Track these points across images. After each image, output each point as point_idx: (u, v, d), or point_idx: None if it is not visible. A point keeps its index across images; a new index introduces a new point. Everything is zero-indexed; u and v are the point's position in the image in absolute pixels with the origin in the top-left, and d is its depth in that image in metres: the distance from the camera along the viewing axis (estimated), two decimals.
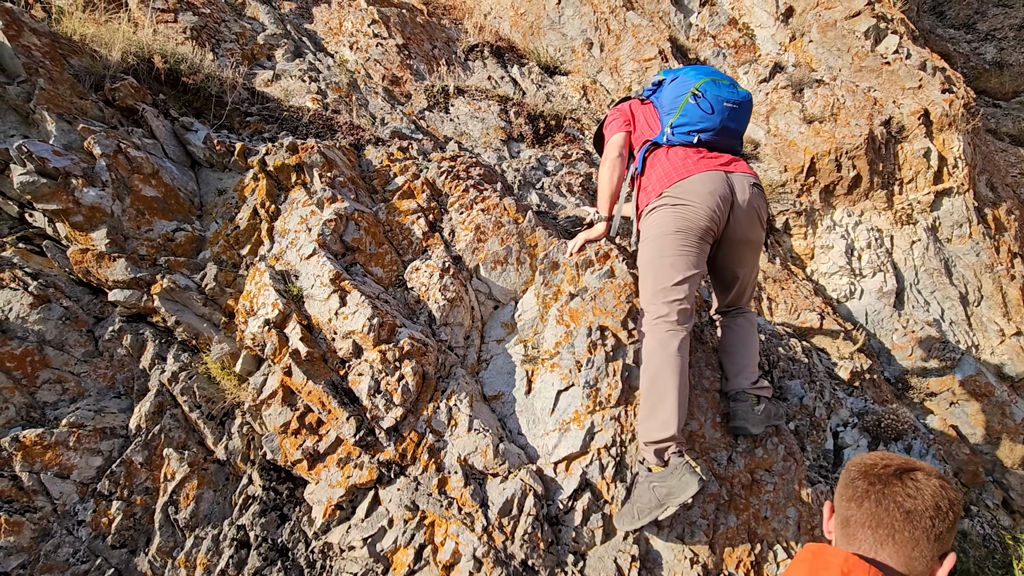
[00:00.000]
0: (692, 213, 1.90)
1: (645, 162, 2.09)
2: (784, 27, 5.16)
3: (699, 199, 1.89)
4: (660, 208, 1.96)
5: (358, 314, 1.94)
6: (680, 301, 1.87)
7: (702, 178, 1.92)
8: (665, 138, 2.06)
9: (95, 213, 1.93)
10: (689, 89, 2.04)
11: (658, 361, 1.80)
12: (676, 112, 2.04)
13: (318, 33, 4.27)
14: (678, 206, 1.91)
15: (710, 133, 2.03)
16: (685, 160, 1.98)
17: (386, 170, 2.57)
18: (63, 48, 2.12)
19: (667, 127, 2.06)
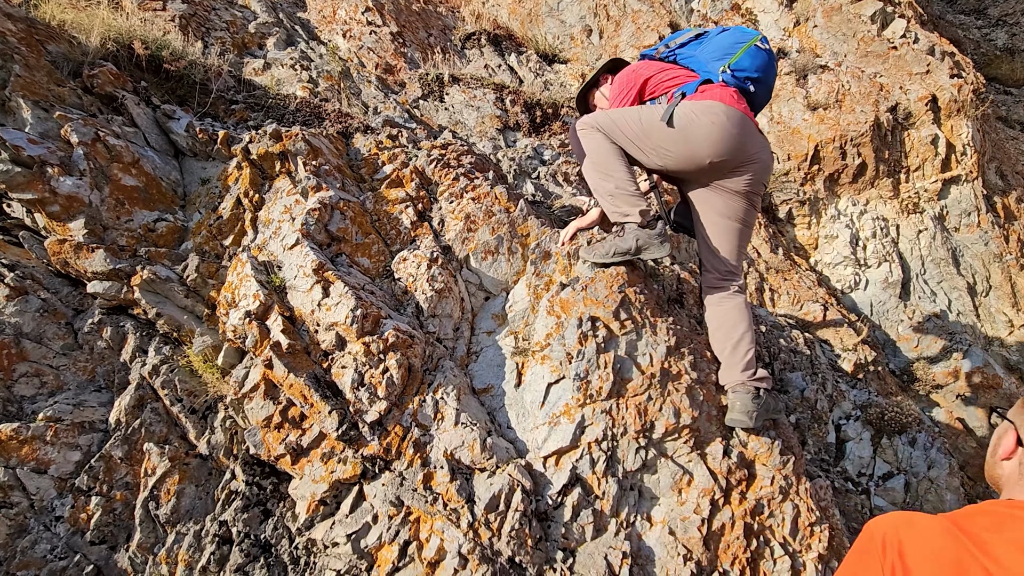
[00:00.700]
0: (711, 133, 1.89)
1: (696, 91, 2.04)
2: (788, 12, 5.04)
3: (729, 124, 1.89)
4: (694, 109, 1.93)
5: (341, 305, 1.89)
6: (606, 133, 2.02)
7: (739, 115, 1.92)
8: (721, 78, 2.05)
9: (72, 203, 1.89)
10: (751, 39, 2.09)
11: (606, 146, 1.98)
12: (735, 56, 2.06)
13: (311, 21, 4.21)
14: (710, 116, 1.90)
15: (759, 85, 2.11)
16: (732, 97, 1.98)
17: (374, 158, 2.51)
18: (40, 34, 2.07)
19: (724, 67, 2.05)
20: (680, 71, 2.16)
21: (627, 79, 2.20)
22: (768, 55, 2.12)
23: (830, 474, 2.94)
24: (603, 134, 2.03)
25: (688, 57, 2.18)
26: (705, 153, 1.91)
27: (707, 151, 1.90)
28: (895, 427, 3.09)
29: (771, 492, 1.90)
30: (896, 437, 3.14)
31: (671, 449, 1.91)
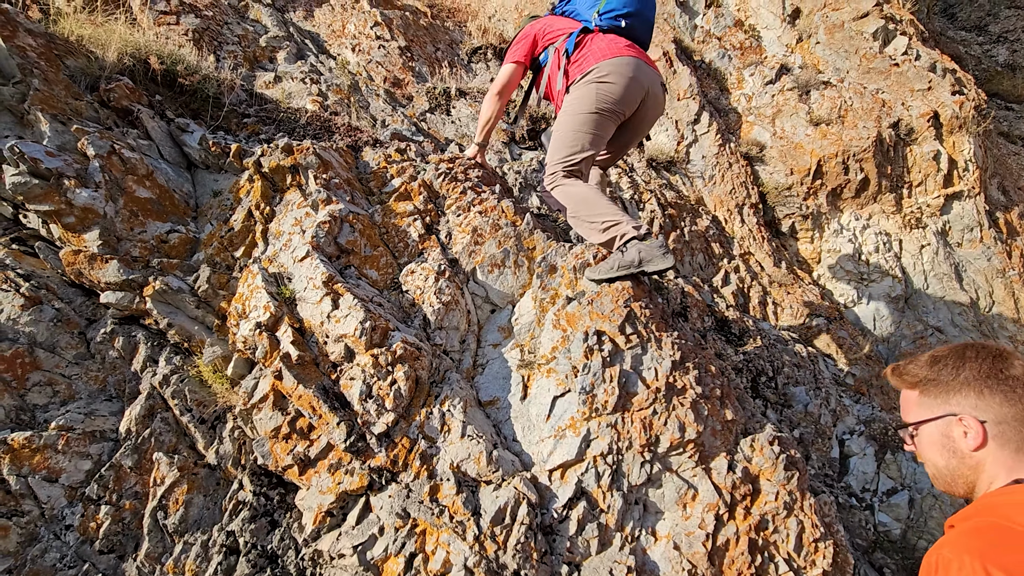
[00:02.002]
0: (612, 91, 2.21)
1: (576, 44, 2.33)
2: (791, 28, 5.10)
3: (621, 79, 2.20)
4: (587, 83, 2.23)
5: (350, 317, 1.92)
6: (577, 166, 2.27)
7: (628, 61, 2.22)
8: (595, 24, 2.34)
9: (88, 214, 1.92)
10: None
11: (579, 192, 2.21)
12: (602, 1, 2.35)
13: (321, 35, 4.27)
14: (602, 83, 2.20)
15: (632, 18, 2.36)
16: (613, 43, 2.26)
17: (383, 172, 2.54)
18: (59, 49, 2.12)
19: (594, 14, 2.35)
20: (563, 22, 2.46)
21: (521, 34, 2.54)
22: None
23: (834, 489, 2.94)
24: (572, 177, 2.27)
25: (570, 11, 2.49)
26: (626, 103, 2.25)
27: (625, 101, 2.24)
28: (899, 442, 3.09)
29: (775, 507, 1.91)
30: (900, 453, 3.14)
31: (676, 463, 1.92)
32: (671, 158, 4.50)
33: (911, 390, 1.04)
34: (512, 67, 2.51)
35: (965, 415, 0.93)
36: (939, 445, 0.97)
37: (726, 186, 4.52)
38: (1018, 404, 0.90)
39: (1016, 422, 0.90)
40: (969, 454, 0.93)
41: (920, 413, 1.01)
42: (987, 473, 0.91)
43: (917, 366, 1.03)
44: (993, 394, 0.92)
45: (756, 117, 4.82)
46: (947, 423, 0.95)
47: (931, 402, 0.99)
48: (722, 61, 5.07)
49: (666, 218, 4.02)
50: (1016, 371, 0.93)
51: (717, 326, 3.36)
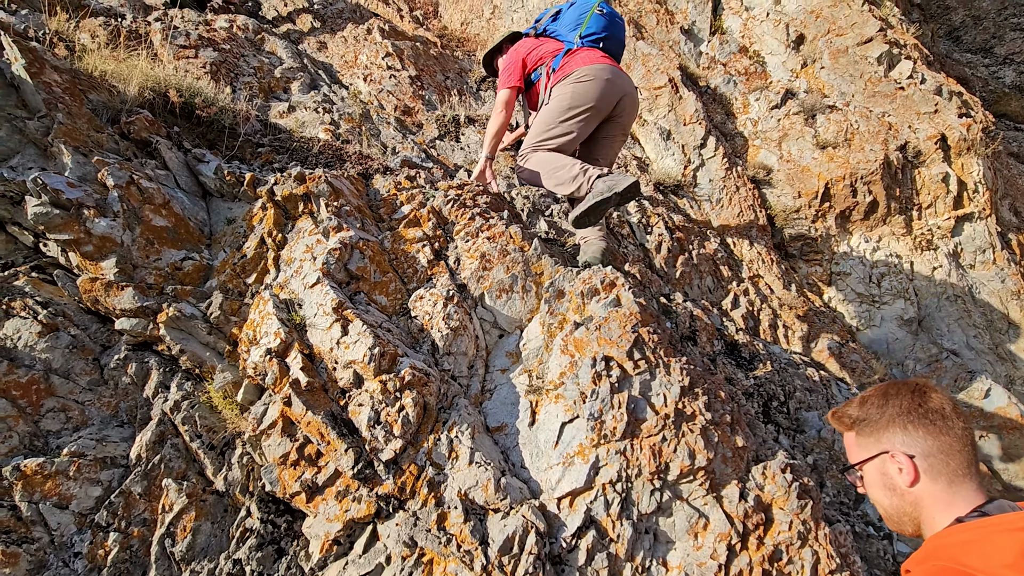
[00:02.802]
0: (589, 89, 2.51)
1: (562, 62, 2.65)
2: (795, 54, 5.17)
3: (597, 80, 2.51)
4: (566, 83, 2.55)
5: (359, 343, 1.93)
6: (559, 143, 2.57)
7: (604, 66, 2.55)
8: (576, 44, 2.67)
9: (105, 243, 1.97)
10: (591, 7, 2.73)
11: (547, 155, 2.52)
12: (583, 24, 2.70)
13: (334, 66, 4.40)
14: (580, 82, 2.52)
15: (607, 40, 2.73)
16: (591, 54, 2.61)
17: (393, 199, 2.59)
18: (83, 84, 2.20)
19: (577, 36, 2.69)
20: (549, 43, 2.77)
21: (510, 59, 2.82)
22: (607, 16, 2.75)
23: (850, 518, 2.87)
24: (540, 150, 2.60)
25: (553, 31, 2.82)
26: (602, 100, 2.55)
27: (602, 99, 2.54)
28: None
29: (789, 537, 1.87)
30: None
31: (686, 491, 1.90)
32: (678, 182, 4.53)
33: (849, 431, 1.08)
34: (508, 92, 2.77)
35: (895, 451, 0.96)
36: (880, 484, 1.00)
37: (734, 209, 4.53)
38: (940, 436, 0.93)
39: (942, 454, 0.93)
40: (907, 490, 0.95)
41: (859, 454, 1.04)
42: (927, 510, 0.93)
43: (850, 408, 1.08)
44: (916, 428, 0.96)
45: (763, 141, 4.85)
46: (882, 461, 0.98)
47: (866, 441, 1.02)
48: (727, 86, 5.13)
49: (674, 241, 4.03)
50: (934, 403, 0.96)
51: (727, 350, 3.33)
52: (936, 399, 0.97)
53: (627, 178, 2.30)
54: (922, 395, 0.99)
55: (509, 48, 2.97)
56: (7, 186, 1.93)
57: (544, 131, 2.58)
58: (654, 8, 5.32)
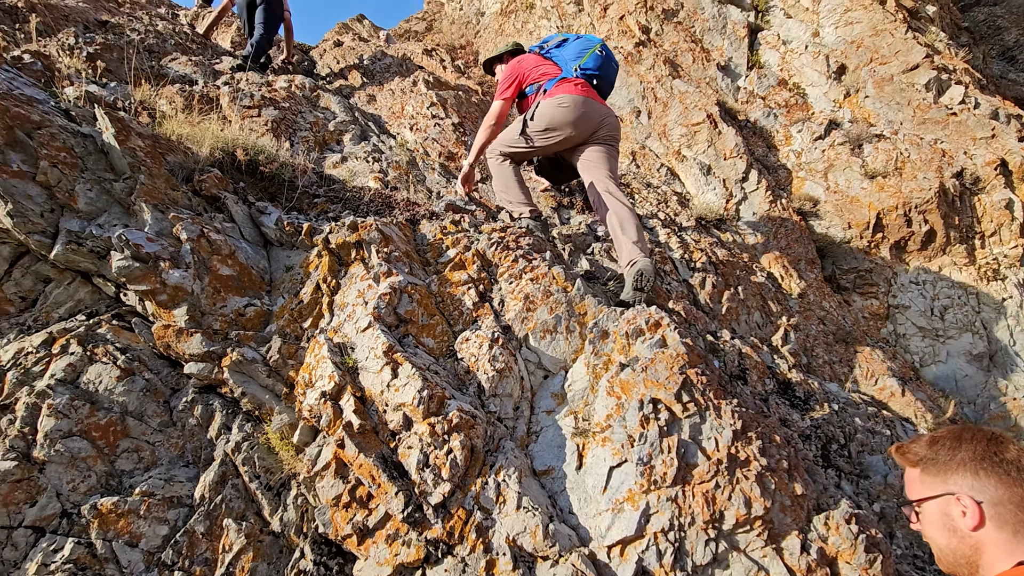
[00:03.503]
0: (564, 114, 2.91)
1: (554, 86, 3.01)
2: (837, 84, 5.11)
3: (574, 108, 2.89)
4: (549, 104, 2.93)
5: (408, 386, 1.99)
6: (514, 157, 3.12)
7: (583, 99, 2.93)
8: (574, 74, 3.05)
9: (178, 292, 2.12)
10: (594, 46, 3.13)
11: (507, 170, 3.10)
12: (583, 58, 3.08)
13: (382, 117, 4.65)
14: (559, 107, 2.91)
15: (600, 79, 3.13)
16: (577, 86, 2.98)
17: (439, 243, 2.68)
18: (162, 147, 2.42)
19: (575, 67, 3.07)
20: (549, 66, 3.12)
21: (510, 71, 3.16)
22: (604, 58, 3.14)
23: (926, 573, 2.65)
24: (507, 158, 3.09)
25: (556, 56, 3.17)
26: (568, 125, 2.92)
27: (568, 124, 2.92)
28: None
29: None
30: None
31: (743, 542, 1.82)
32: (720, 216, 4.49)
33: (913, 468, 1.10)
34: (502, 103, 3.14)
35: (962, 494, 0.97)
36: (940, 524, 1.00)
37: (780, 242, 4.43)
38: (1013, 487, 0.93)
39: (1012, 505, 0.92)
40: (968, 534, 0.95)
41: (921, 491, 1.05)
42: (988, 555, 0.92)
43: (918, 446, 1.09)
44: (988, 476, 0.96)
45: (807, 172, 4.77)
46: (946, 502, 0.99)
47: (931, 480, 1.03)
48: (768, 120, 5.11)
49: (719, 276, 3.97)
50: (1010, 455, 0.96)
51: (779, 389, 3.21)
52: (1013, 451, 0.97)
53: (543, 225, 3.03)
54: (998, 444, 0.98)
55: (511, 60, 3.33)
56: (95, 242, 2.12)
57: (512, 139, 3.06)
58: (689, 47, 5.41)
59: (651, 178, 4.72)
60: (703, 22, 5.59)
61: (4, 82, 2.24)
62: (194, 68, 4.20)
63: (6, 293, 2.12)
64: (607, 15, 5.68)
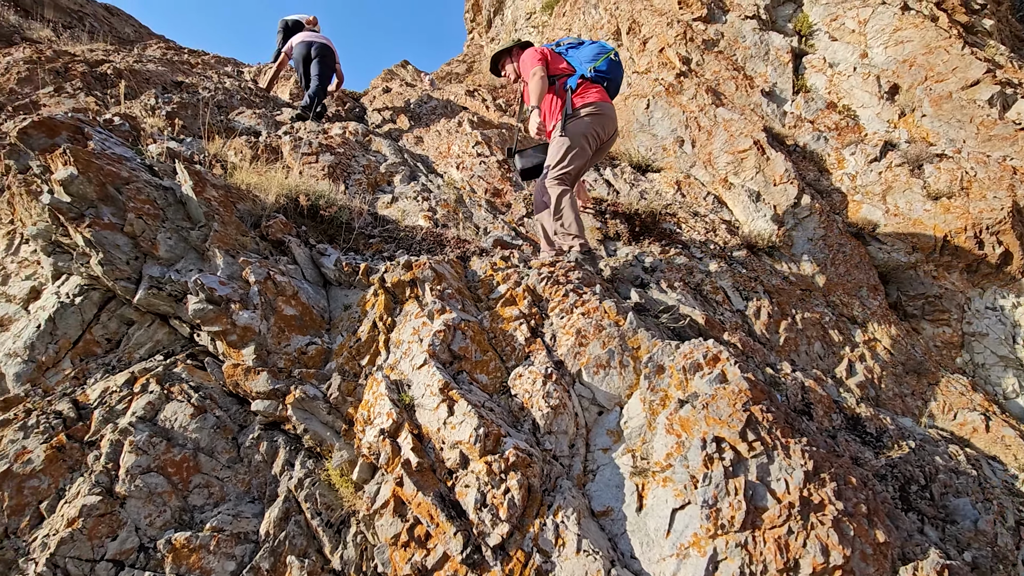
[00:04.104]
0: (600, 123, 3.23)
1: (578, 85, 3.30)
2: (890, 105, 4.96)
3: (608, 116, 3.29)
4: (587, 115, 3.20)
5: (465, 424, 2.00)
6: (571, 175, 3.20)
7: (610, 105, 3.33)
8: (589, 75, 3.32)
9: (247, 332, 2.23)
10: (608, 51, 3.41)
11: (567, 203, 3.11)
12: (598, 61, 3.35)
13: (430, 157, 4.83)
14: (596, 116, 3.21)
15: (611, 82, 3.43)
16: (601, 92, 3.33)
17: (489, 279, 2.73)
18: (233, 196, 2.59)
19: (591, 68, 3.33)
20: (565, 63, 3.38)
21: (535, 53, 3.32)
22: (617, 64, 3.43)
23: None
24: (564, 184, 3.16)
25: (571, 56, 3.42)
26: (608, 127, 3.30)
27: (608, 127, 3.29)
28: None
29: None
30: None
31: None
32: (772, 243, 4.36)
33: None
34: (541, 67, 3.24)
35: None
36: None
37: (839, 268, 4.26)
38: None
39: None
40: None
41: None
42: None
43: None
44: None
45: (864, 196, 4.60)
46: None
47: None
48: (818, 143, 4.99)
49: (774, 305, 3.84)
50: None
51: (848, 424, 3.04)
52: None
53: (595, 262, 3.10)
54: None
55: (521, 52, 3.55)
56: (173, 286, 2.27)
57: (567, 161, 3.16)
58: (732, 75, 5.39)
59: (698, 207, 4.67)
60: (744, 50, 5.58)
61: (99, 143, 2.47)
62: (258, 120, 4.50)
63: (95, 335, 2.28)
64: (646, 48, 5.75)
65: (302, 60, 5.43)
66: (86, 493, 1.88)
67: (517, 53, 3.58)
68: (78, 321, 2.30)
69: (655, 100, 5.32)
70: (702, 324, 3.04)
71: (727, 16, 5.81)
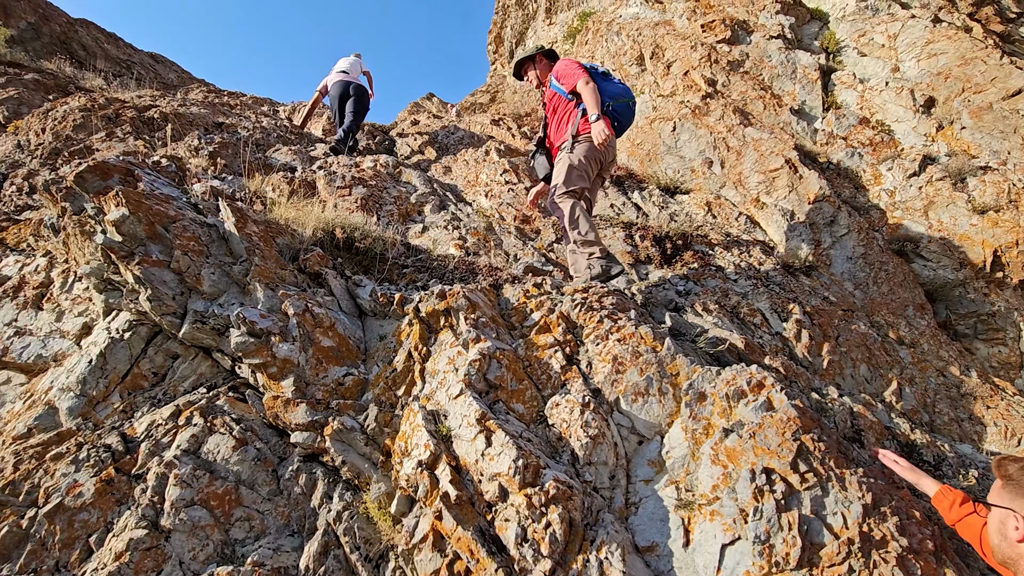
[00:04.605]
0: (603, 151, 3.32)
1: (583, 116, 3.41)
2: (927, 118, 4.83)
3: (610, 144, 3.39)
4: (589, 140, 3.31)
5: (503, 455, 1.96)
6: (579, 191, 3.31)
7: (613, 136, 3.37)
8: (607, 109, 3.37)
9: (286, 364, 2.27)
10: (630, 97, 3.51)
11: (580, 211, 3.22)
12: (618, 101, 3.43)
13: (458, 186, 4.90)
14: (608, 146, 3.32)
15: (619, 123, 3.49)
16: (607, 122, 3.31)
17: (523, 306, 2.72)
18: (272, 231, 2.67)
19: (609, 104, 3.39)
20: None
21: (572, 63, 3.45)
22: (632, 112, 3.53)
23: None
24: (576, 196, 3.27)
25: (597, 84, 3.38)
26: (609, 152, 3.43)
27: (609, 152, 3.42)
28: None
29: None
30: None
31: None
32: (810, 263, 4.25)
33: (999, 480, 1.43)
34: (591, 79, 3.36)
35: (1020, 515, 1.31)
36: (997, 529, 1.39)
37: (882, 287, 4.11)
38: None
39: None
40: (1014, 543, 1.32)
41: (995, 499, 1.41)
42: None
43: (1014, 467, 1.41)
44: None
45: (904, 211, 4.46)
46: (1007, 514, 1.35)
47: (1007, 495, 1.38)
48: (852, 160, 4.88)
49: (815, 327, 3.71)
50: None
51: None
52: None
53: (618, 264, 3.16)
54: None
55: (544, 60, 3.71)
56: (216, 320, 2.33)
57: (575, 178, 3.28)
58: (759, 95, 5.36)
59: (729, 227, 4.60)
60: (771, 69, 5.55)
61: (148, 184, 2.59)
62: (293, 156, 4.67)
63: (142, 369, 2.35)
64: (670, 72, 5.78)
65: (338, 97, 5.66)
66: (133, 526, 1.91)
67: (541, 60, 3.72)
68: (127, 355, 2.38)
69: (681, 122, 5.32)
70: (741, 348, 2.95)
71: (751, 37, 5.81)
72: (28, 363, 2.69)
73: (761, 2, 6.02)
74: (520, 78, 3.85)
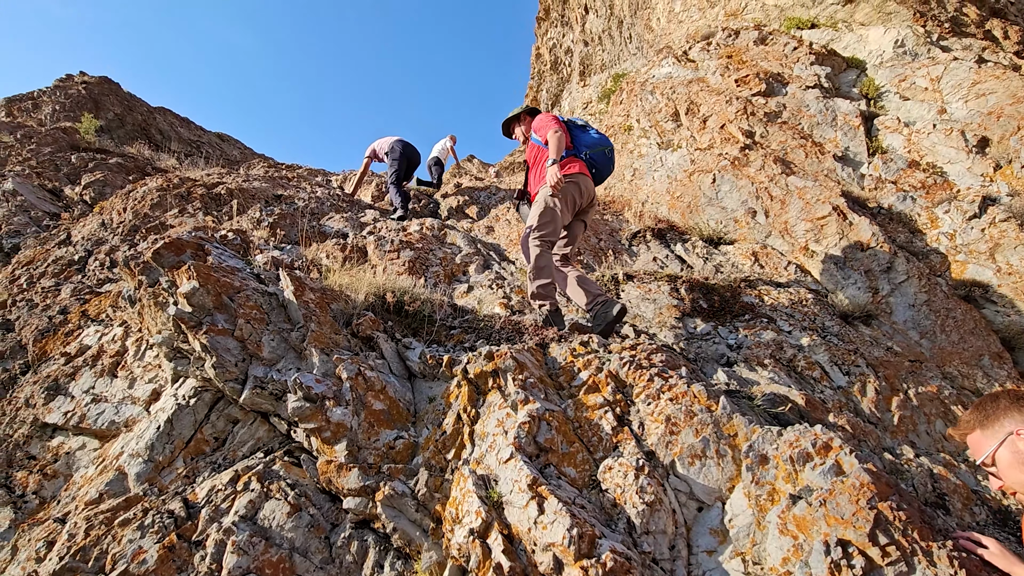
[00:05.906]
0: (576, 189, 3.55)
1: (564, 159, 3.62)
2: (981, 158, 4.67)
3: (581, 186, 3.58)
4: (569, 182, 3.52)
5: (557, 523, 1.91)
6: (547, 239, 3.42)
7: (589, 180, 3.68)
8: (584, 157, 3.71)
9: (339, 428, 2.31)
10: (607, 145, 3.80)
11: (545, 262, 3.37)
12: (595, 150, 3.75)
13: (500, 245, 5.03)
14: (572, 183, 3.52)
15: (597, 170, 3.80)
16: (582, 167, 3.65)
17: (570, 366, 2.70)
18: (327, 298, 2.80)
19: (587, 152, 3.74)
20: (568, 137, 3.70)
21: (549, 118, 3.68)
22: (610, 161, 3.83)
23: None
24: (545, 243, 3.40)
25: (575, 134, 3.78)
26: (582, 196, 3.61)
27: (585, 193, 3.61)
28: None
29: None
30: None
31: None
32: (868, 311, 4.06)
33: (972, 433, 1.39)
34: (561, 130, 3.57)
35: (1020, 428, 1.25)
36: (1015, 462, 1.26)
37: (951, 336, 3.87)
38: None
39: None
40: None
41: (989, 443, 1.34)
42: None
43: (966, 416, 1.43)
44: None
45: (967, 255, 4.25)
46: (1011, 441, 1.26)
47: (991, 432, 1.32)
48: (904, 204, 4.73)
49: (881, 380, 3.50)
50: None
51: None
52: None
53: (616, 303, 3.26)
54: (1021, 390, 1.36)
55: (528, 118, 4.00)
56: (274, 386, 2.42)
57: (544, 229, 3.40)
58: (799, 143, 5.34)
59: (779, 277, 4.48)
60: (810, 118, 5.54)
61: (216, 257, 2.79)
62: (345, 223, 4.93)
63: (204, 434, 2.45)
64: (707, 126, 5.86)
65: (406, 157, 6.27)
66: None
67: (525, 118, 4.04)
68: (191, 421, 2.49)
69: (721, 174, 5.33)
70: (802, 405, 2.81)
71: (787, 88, 5.86)
72: (102, 429, 2.85)
73: (795, 55, 6.11)
74: (508, 136, 4.18)
